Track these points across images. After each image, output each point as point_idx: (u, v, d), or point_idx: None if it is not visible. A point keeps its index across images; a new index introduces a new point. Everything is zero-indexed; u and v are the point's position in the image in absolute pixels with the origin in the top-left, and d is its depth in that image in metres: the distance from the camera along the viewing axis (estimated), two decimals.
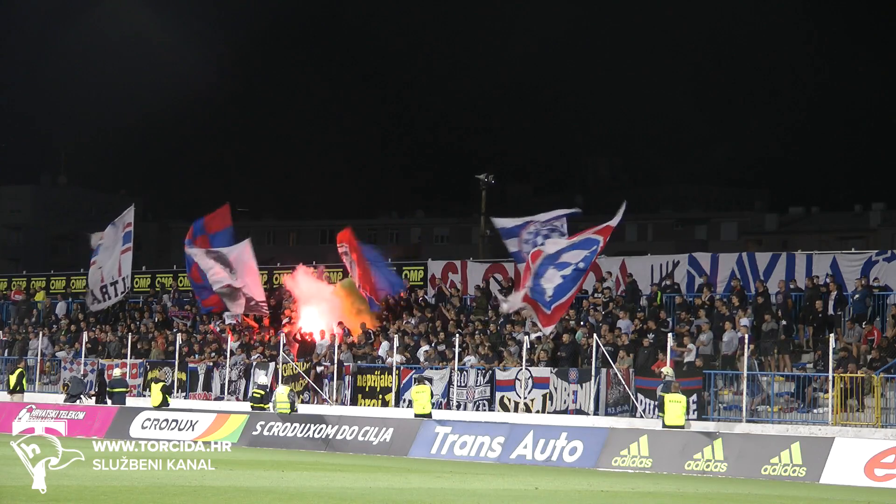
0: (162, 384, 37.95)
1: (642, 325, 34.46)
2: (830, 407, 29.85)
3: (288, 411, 34.40)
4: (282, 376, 38.13)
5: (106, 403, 39.13)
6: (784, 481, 26.12)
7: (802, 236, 78.01)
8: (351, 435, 32.93)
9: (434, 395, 34.45)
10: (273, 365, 39.02)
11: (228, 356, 40.20)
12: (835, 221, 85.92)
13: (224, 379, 40.06)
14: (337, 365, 37.73)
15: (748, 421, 30.88)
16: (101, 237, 45.73)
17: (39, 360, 44.45)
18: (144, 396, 40.14)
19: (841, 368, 30.10)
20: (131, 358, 42.18)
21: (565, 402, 33.50)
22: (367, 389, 37.34)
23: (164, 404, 37.18)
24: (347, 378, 37.75)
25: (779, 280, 35.22)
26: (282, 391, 34.90)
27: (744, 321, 32.74)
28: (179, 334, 42.19)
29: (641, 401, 32.28)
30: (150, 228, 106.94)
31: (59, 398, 40.14)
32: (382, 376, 37.12)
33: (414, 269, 43.31)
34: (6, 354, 46.22)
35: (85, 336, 43.68)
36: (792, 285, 34.81)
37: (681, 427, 28.93)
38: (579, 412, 33.01)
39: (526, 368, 34.15)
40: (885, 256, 35.08)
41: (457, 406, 35.16)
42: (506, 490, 21.46)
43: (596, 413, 32.75)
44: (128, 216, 45.36)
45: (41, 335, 45.13)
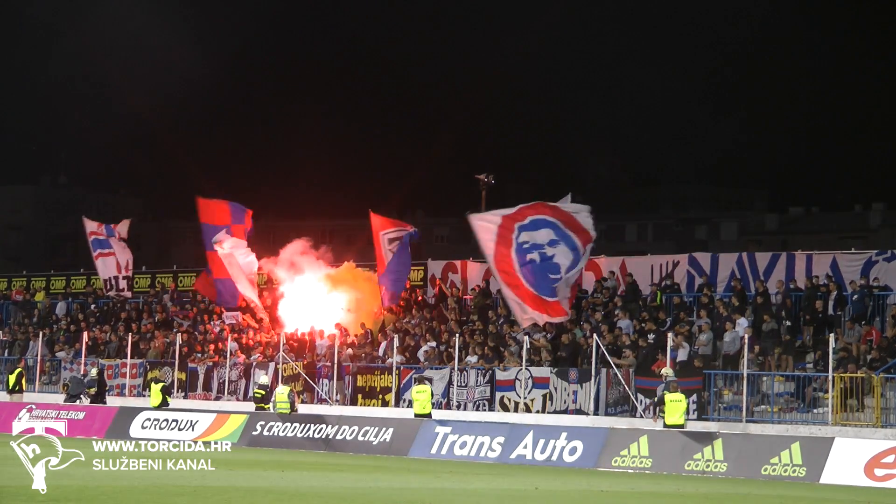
0: (162, 384, 37.95)
1: (641, 326, 34.46)
2: (830, 407, 29.84)
3: (288, 411, 34.41)
4: (282, 376, 38.13)
5: (105, 403, 39.18)
6: (784, 481, 26.13)
7: (802, 236, 77.92)
8: (351, 435, 32.94)
9: (434, 395, 34.45)
10: (273, 365, 39.03)
11: (228, 356, 40.20)
12: (835, 221, 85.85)
13: (224, 379, 40.08)
14: (337, 365, 37.70)
15: (748, 421, 30.87)
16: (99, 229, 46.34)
17: (39, 360, 44.44)
18: (144, 396, 40.14)
19: (841, 368, 30.10)
20: (131, 358, 42.18)
21: (565, 402, 33.49)
22: (367, 389, 37.35)
23: (164, 404, 37.18)
24: (347, 378, 37.75)
25: (779, 280, 35.22)
26: (282, 391, 34.90)
27: (744, 321, 32.73)
28: (179, 334, 42.20)
29: (641, 401, 32.26)
30: (150, 228, 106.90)
31: (59, 398, 40.14)
32: (382, 376, 37.12)
33: (414, 269, 43.28)
34: (6, 354, 46.23)
35: (85, 336, 43.68)
36: (792, 285, 34.80)
37: (681, 427, 28.94)
38: (579, 412, 33.01)
39: (526, 368, 34.14)
40: (885, 256, 35.07)
41: (457, 406, 35.16)
42: (506, 490, 21.47)
43: (596, 413, 32.75)
44: (89, 225, 46.35)
45: (41, 335, 45.13)
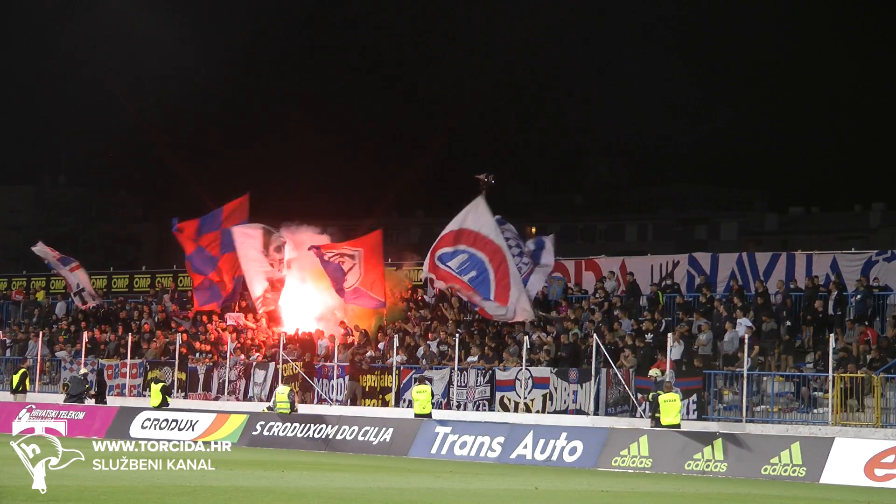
0: (162, 384, 37.94)
1: (640, 326, 34.46)
2: (830, 407, 29.84)
3: (288, 411, 34.41)
4: (282, 376, 38.13)
5: (105, 403, 39.19)
6: (784, 481, 26.13)
7: (802, 236, 78.00)
8: (351, 435, 32.94)
9: (434, 395, 34.45)
10: (273, 365, 39.04)
11: (228, 356, 40.20)
12: (835, 221, 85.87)
13: (224, 379, 40.07)
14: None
15: (748, 421, 30.87)
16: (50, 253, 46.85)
17: (39, 360, 44.44)
18: (144, 396, 40.14)
19: (841, 368, 30.10)
20: (131, 358, 42.18)
21: (565, 402, 33.49)
22: (367, 389, 37.34)
23: (164, 404, 37.18)
24: (347, 378, 37.72)
25: (779, 280, 35.22)
26: (282, 391, 34.90)
27: (745, 321, 32.72)
28: (179, 334, 42.20)
29: (644, 404, 32.23)
30: (150, 228, 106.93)
31: (59, 398, 40.13)
32: (382, 376, 37.12)
33: (414, 269, 43.30)
34: (7, 354, 46.23)
35: (85, 336, 43.67)
36: (792, 285, 34.80)
37: (677, 426, 28.93)
38: (579, 412, 33.00)
39: (526, 368, 34.15)
40: (885, 256, 35.08)
41: (457, 406, 35.16)
42: (506, 490, 21.47)
43: (596, 413, 32.75)
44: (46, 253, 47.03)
45: (41, 335, 45.12)
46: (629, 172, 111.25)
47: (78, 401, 38.52)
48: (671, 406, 29.02)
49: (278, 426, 34.25)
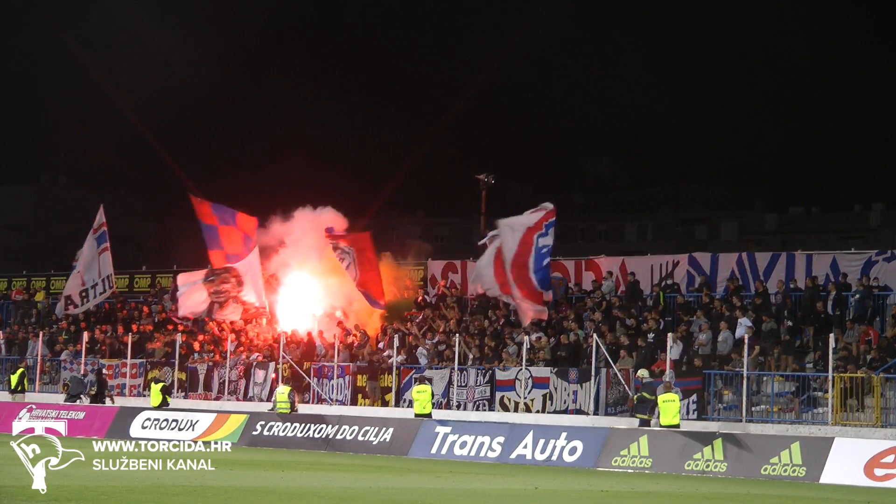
0: (162, 384, 37.94)
1: (640, 326, 34.46)
2: (830, 407, 29.85)
3: (288, 411, 34.42)
4: (282, 376, 38.13)
5: (104, 403, 39.19)
6: (784, 481, 26.13)
7: (802, 236, 77.92)
8: (351, 435, 32.95)
9: (434, 395, 34.45)
10: (273, 365, 39.04)
11: (228, 356, 40.21)
12: (835, 221, 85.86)
13: (224, 379, 40.07)
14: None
15: (748, 421, 30.88)
16: (83, 251, 45.87)
17: (39, 360, 44.43)
18: (144, 396, 40.14)
19: (841, 368, 30.10)
20: (131, 358, 42.17)
21: (565, 402, 33.50)
22: (368, 389, 37.31)
23: (164, 404, 37.18)
24: (347, 378, 37.75)
25: (779, 280, 35.22)
26: (282, 391, 34.91)
27: (745, 321, 32.73)
28: (179, 334, 42.20)
29: (629, 404, 32.21)
30: (150, 228, 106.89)
31: (59, 398, 40.14)
32: (382, 376, 37.11)
33: (414, 269, 43.30)
34: (6, 354, 46.22)
35: (85, 336, 43.66)
36: (792, 285, 34.80)
37: (676, 426, 28.94)
38: (579, 412, 33.01)
39: (526, 368, 34.15)
40: (885, 256, 35.07)
41: (457, 406, 35.16)
42: (506, 490, 21.47)
43: (596, 413, 32.75)
44: (100, 217, 45.49)
45: (41, 335, 45.11)
46: (629, 172, 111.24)
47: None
48: (670, 406, 29.02)
49: (278, 426, 34.25)
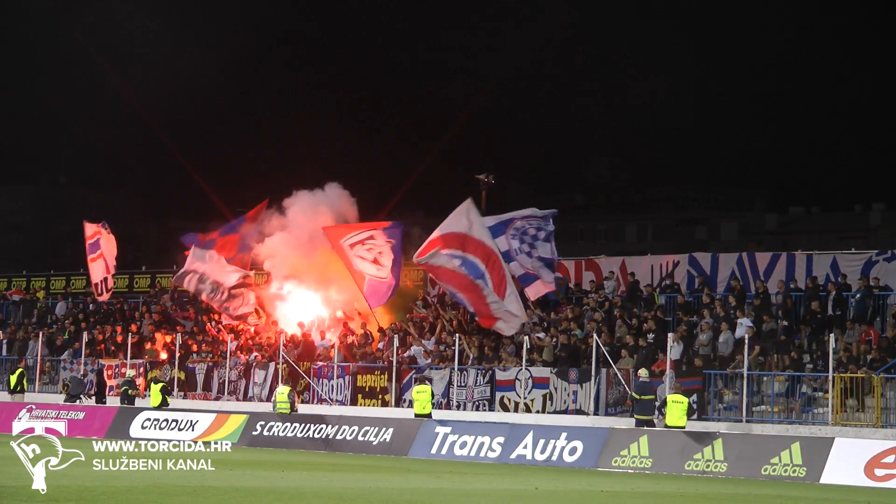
0: (162, 384, 37.93)
1: (641, 325, 34.45)
2: (830, 407, 29.84)
3: (288, 411, 34.41)
4: (282, 376, 38.13)
5: (104, 403, 39.21)
6: (784, 481, 26.13)
7: (802, 236, 77.88)
8: (351, 435, 32.95)
9: (434, 395, 34.45)
10: (273, 365, 39.03)
11: (228, 356, 40.20)
12: (835, 221, 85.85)
13: (224, 379, 40.07)
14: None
15: (748, 421, 30.88)
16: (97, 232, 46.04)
17: (39, 360, 44.43)
18: (144, 396, 40.12)
19: (841, 368, 30.10)
20: (131, 358, 42.17)
21: (565, 402, 33.49)
22: (367, 389, 37.33)
23: (164, 404, 37.17)
24: (347, 378, 37.74)
25: (779, 280, 35.22)
26: (282, 391, 34.91)
27: (746, 321, 32.72)
28: (179, 334, 42.20)
29: (628, 404, 32.20)
30: (150, 228, 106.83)
31: (59, 398, 40.14)
32: (382, 376, 37.11)
33: (414, 269, 43.24)
34: (6, 354, 46.22)
35: (85, 336, 43.66)
36: (792, 285, 34.80)
37: (682, 428, 28.94)
38: (579, 412, 33.00)
39: (526, 368, 34.14)
40: (885, 256, 35.07)
41: (457, 406, 35.16)
42: (506, 490, 21.47)
43: (596, 413, 32.75)
44: (88, 230, 45.75)
45: (41, 335, 45.11)
46: (629, 172, 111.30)
47: (76, 400, 38.56)
48: (677, 408, 29.04)
49: (278, 426, 34.25)
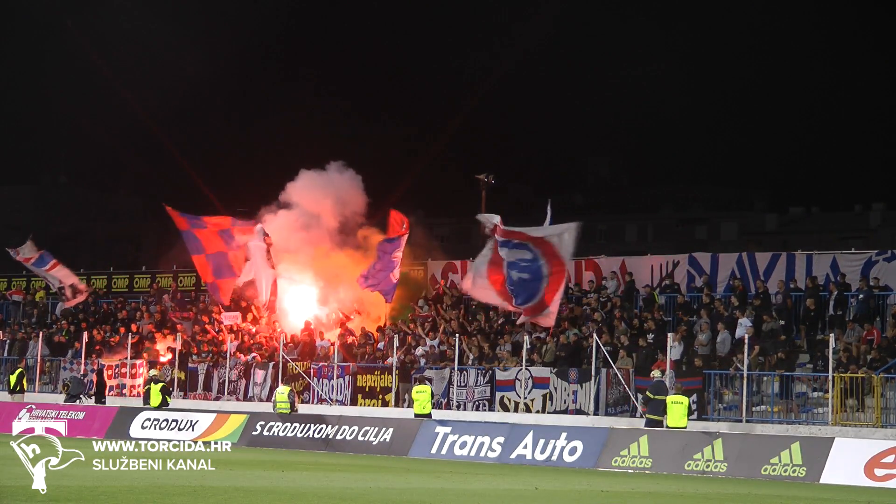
0: (161, 384, 37.91)
1: (641, 325, 34.47)
2: (830, 407, 29.86)
3: (288, 411, 34.42)
4: (281, 376, 38.13)
5: (104, 403, 39.22)
6: (784, 481, 26.13)
7: (802, 236, 77.84)
8: (351, 435, 32.95)
9: (434, 395, 34.46)
10: (272, 364, 39.02)
11: (228, 356, 40.20)
12: (835, 221, 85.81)
13: (224, 379, 40.07)
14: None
15: (748, 421, 30.88)
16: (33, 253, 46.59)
17: (39, 360, 44.42)
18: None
19: (841, 368, 30.11)
20: (131, 358, 42.17)
21: (565, 402, 33.50)
22: (367, 389, 37.34)
23: (164, 404, 37.16)
24: (347, 378, 37.74)
25: (779, 280, 35.22)
26: (282, 391, 34.91)
27: (747, 321, 32.73)
28: (179, 334, 42.20)
29: (641, 400, 32.24)
30: (150, 228, 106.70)
31: (59, 398, 40.14)
32: (382, 376, 37.12)
33: (414, 269, 43.27)
34: (6, 354, 46.22)
35: (85, 336, 43.66)
36: (792, 285, 34.81)
37: (683, 428, 28.94)
38: (579, 412, 33.02)
39: (526, 368, 34.15)
40: (885, 256, 35.09)
41: (457, 406, 35.16)
42: (506, 490, 21.47)
43: (596, 413, 32.76)
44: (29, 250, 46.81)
45: (41, 335, 45.11)
46: (629, 172, 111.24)
47: (76, 400, 38.51)
48: (678, 408, 29.05)
49: (278, 426, 34.25)
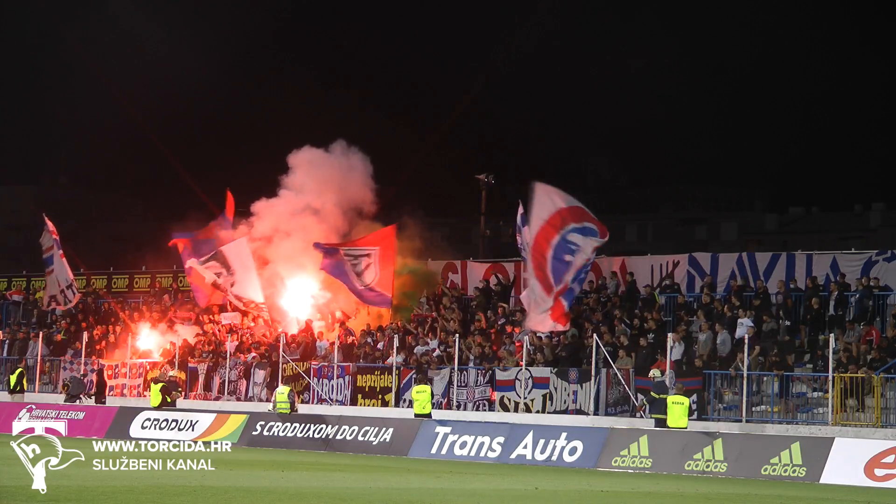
0: (161, 384, 37.91)
1: (642, 325, 34.47)
2: (830, 407, 29.86)
3: (288, 411, 34.42)
4: (281, 376, 38.13)
5: (104, 403, 39.23)
6: (784, 481, 26.14)
7: (802, 236, 77.87)
8: (351, 435, 32.95)
9: (434, 395, 34.46)
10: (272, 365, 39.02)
11: (228, 356, 40.20)
12: (835, 221, 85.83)
13: (224, 379, 40.07)
14: (336, 365, 37.62)
15: (748, 421, 30.88)
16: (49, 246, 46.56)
17: (39, 360, 44.42)
18: (144, 396, 40.13)
19: (841, 368, 30.11)
20: (131, 358, 42.17)
21: (565, 402, 33.50)
22: (367, 389, 37.34)
23: (164, 404, 37.17)
24: (347, 378, 37.74)
25: (779, 280, 35.22)
26: (282, 391, 34.92)
27: (745, 321, 32.73)
28: (179, 334, 42.18)
29: (641, 401, 32.26)
30: (150, 228, 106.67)
31: (59, 398, 40.15)
32: (382, 376, 37.12)
33: (422, 264, 43.20)
34: (6, 354, 46.21)
35: (85, 336, 43.66)
36: (792, 285, 34.80)
37: (683, 428, 28.94)
38: (579, 412, 33.02)
39: (526, 368, 34.15)
40: (885, 256, 35.07)
41: (457, 406, 35.17)
42: (506, 490, 21.46)
43: (596, 413, 32.76)
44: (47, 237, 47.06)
45: (41, 335, 45.11)
46: (629, 172, 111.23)
47: (76, 401, 38.52)
48: (678, 408, 29.04)
49: (278, 426, 34.25)
